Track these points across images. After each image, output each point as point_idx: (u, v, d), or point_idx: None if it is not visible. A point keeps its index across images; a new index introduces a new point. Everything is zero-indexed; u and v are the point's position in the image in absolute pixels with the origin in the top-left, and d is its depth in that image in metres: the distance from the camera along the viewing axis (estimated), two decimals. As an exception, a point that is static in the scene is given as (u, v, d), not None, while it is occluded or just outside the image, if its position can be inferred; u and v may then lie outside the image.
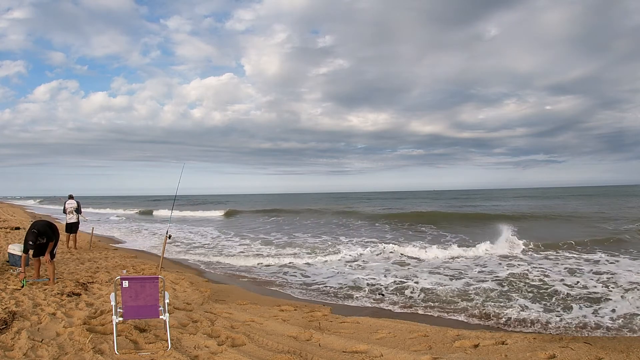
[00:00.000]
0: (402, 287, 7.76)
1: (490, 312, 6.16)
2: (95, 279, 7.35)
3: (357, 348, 4.32)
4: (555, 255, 11.08)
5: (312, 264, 10.60)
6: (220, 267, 10.31)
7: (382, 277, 8.71)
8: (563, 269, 9.13)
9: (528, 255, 11.16)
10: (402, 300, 6.94)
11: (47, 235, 6.68)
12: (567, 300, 6.74)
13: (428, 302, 6.79)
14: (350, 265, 10.23)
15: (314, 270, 9.78)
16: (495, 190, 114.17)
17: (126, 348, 4.04)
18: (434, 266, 9.95)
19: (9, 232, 14.20)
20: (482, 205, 37.97)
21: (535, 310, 6.20)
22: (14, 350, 3.83)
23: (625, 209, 26.67)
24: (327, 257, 11.43)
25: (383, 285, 7.94)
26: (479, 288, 7.57)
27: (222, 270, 9.87)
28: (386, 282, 8.17)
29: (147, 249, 13.39)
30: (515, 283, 7.90)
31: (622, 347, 4.22)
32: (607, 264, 9.59)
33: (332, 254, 11.81)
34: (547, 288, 7.47)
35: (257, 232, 19.25)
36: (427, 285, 7.82)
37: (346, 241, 15.00)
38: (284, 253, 12.22)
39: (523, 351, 4.16)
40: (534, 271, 8.92)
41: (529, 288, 7.50)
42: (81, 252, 10.96)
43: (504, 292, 7.30)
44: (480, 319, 5.90)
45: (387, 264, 10.29)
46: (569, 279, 8.10)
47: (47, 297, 5.76)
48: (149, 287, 4.13)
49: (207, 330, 4.78)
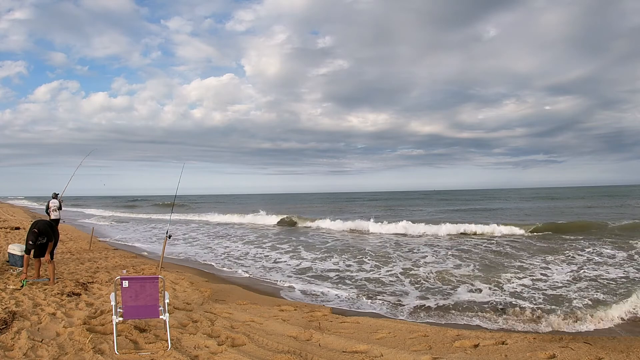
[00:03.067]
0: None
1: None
2: (95, 279, 7.35)
3: (357, 348, 4.32)
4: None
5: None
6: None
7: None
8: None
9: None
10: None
11: (48, 234, 6.68)
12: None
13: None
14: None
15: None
16: (497, 190, 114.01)
17: (126, 348, 4.04)
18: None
19: (9, 232, 14.21)
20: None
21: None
22: (14, 350, 3.83)
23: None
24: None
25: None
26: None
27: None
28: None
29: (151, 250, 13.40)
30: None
31: (622, 347, 4.22)
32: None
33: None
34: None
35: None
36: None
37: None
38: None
39: (523, 351, 4.15)
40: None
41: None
42: (81, 252, 10.97)
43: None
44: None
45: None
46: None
47: (47, 297, 5.76)
48: (149, 287, 4.13)
49: (207, 330, 4.78)
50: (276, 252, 12.92)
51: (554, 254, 11.03)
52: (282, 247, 14.06)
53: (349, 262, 10.74)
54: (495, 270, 9.28)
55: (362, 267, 10.13)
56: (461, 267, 9.72)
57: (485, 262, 10.27)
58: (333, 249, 13.19)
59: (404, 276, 8.89)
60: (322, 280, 8.77)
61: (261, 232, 19.35)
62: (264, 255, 12.32)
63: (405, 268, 9.75)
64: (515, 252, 11.83)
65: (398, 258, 11.22)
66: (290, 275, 9.30)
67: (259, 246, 14.34)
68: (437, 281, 8.35)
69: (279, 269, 10.05)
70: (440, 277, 8.65)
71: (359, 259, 11.21)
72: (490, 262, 10.28)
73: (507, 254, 11.47)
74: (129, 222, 27.21)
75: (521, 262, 10.08)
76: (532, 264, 9.84)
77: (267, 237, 17.05)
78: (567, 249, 11.75)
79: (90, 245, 12.09)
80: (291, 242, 15.33)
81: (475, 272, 9.18)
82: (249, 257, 11.92)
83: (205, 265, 10.73)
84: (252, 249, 13.57)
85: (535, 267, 9.39)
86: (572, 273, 8.66)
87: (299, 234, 18.27)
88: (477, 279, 8.44)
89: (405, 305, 6.70)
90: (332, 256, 11.76)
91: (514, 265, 9.72)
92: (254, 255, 12.36)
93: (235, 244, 15.01)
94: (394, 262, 10.56)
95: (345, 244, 14.73)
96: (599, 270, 8.88)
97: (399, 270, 9.53)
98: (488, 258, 10.92)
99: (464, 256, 11.29)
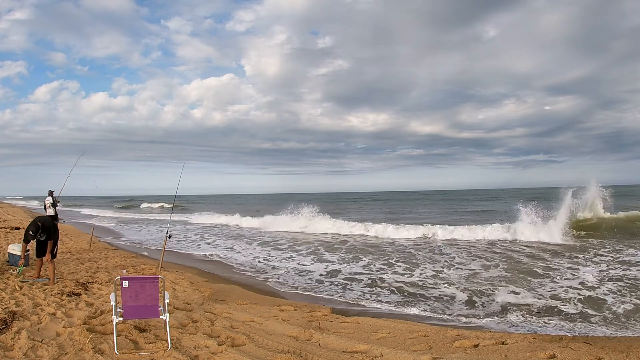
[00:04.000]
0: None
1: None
2: (95, 279, 7.35)
3: (357, 348, 4.32)
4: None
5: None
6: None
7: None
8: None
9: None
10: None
11: (49, 232, 6.68)
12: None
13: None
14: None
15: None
16: (497, 190, 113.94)
17: (126, 348, 4.05)
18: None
19: (9, 232, 14.21)
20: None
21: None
22: (14, 350, 3.83)
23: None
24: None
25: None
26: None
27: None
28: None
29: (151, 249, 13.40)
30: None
31: (622, 347, 4.22)
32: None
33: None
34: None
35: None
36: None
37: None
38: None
39: (523, 351, 4.15)
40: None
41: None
42: (81, 252, 10.97)
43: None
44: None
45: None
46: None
47: (47, 297, 5.76)
48: (149, 287, 4.14)
49: (207, 330, 4.78)
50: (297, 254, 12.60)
51: (580, 254, 11.10)
52: (300, 248, 13.82)
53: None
54: (525, 272, 9.14)
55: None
56: (489, 269, 9.56)
57: (512, 264, 10.16)
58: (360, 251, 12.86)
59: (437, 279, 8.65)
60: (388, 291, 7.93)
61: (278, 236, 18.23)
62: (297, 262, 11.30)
63: (436, 270, 9.53)
64: (541, 253, 11.73)
65: (425, 261, 10.93)
66: (323, 281, 8.74)
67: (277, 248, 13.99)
68: (474, 284, 8.12)
69: (308, 272, 9.69)
70: (474, 281, 8.43)
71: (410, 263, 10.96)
72: (516, 264, 10.18)
73: (532, 255, 11.38)
74: (138, 223, 27.09)
75: (546, 263, 10.01)
76: (560, 263, 9.82)
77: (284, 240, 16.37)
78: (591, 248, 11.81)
79: (90, 245, 12.09)
80: (311, 244, 14.91)
81: (506, 274, 9.06)
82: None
83: (246, 270, 10.03)
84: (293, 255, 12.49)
85: (563, 269, 9.33)
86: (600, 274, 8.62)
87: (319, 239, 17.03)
88: (510, 282, 8.27)
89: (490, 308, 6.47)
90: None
91: (541, 266, 9.66)
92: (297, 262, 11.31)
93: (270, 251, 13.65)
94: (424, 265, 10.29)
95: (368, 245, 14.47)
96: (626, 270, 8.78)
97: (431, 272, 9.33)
98: (514, 259, 10.88)
99: (489, 257, 11.21)
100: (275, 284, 8.41)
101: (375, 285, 8.32)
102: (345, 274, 9.43)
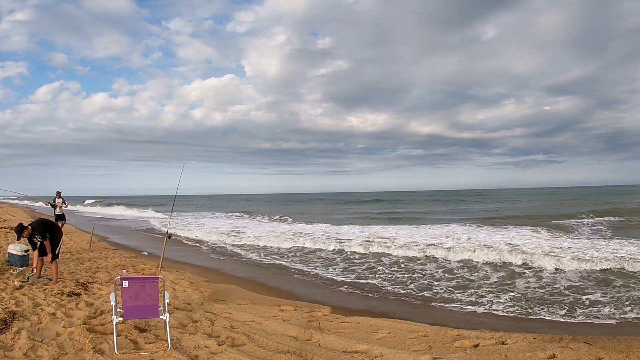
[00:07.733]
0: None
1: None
2: (95, 279, 7.35)
3: (357, 348, 4.32)
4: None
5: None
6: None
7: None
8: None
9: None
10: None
11: (41, 234, 6.67)
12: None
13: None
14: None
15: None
16: (498, 189, 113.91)
17: (126, 348, 4.05)
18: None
19: (9, 232, 14.20)
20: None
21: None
22: (14, 350, 3.83)
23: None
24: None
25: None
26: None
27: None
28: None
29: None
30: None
31: (622, 347, 4.22)
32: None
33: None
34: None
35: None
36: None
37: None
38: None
39: (523, 351, 4.16)
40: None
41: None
42: (81, 252, 10.96)
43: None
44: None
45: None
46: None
47: (47, 297, 5.76)
48: (149, 287, 4.14)
49: (207, 330, 4.78)
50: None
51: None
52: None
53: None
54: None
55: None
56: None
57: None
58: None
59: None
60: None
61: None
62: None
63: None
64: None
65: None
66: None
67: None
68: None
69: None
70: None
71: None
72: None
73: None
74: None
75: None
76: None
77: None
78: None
79: (90, 245, 12.08)
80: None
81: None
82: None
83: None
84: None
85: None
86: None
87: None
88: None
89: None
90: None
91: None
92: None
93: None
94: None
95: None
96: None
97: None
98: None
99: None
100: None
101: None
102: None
